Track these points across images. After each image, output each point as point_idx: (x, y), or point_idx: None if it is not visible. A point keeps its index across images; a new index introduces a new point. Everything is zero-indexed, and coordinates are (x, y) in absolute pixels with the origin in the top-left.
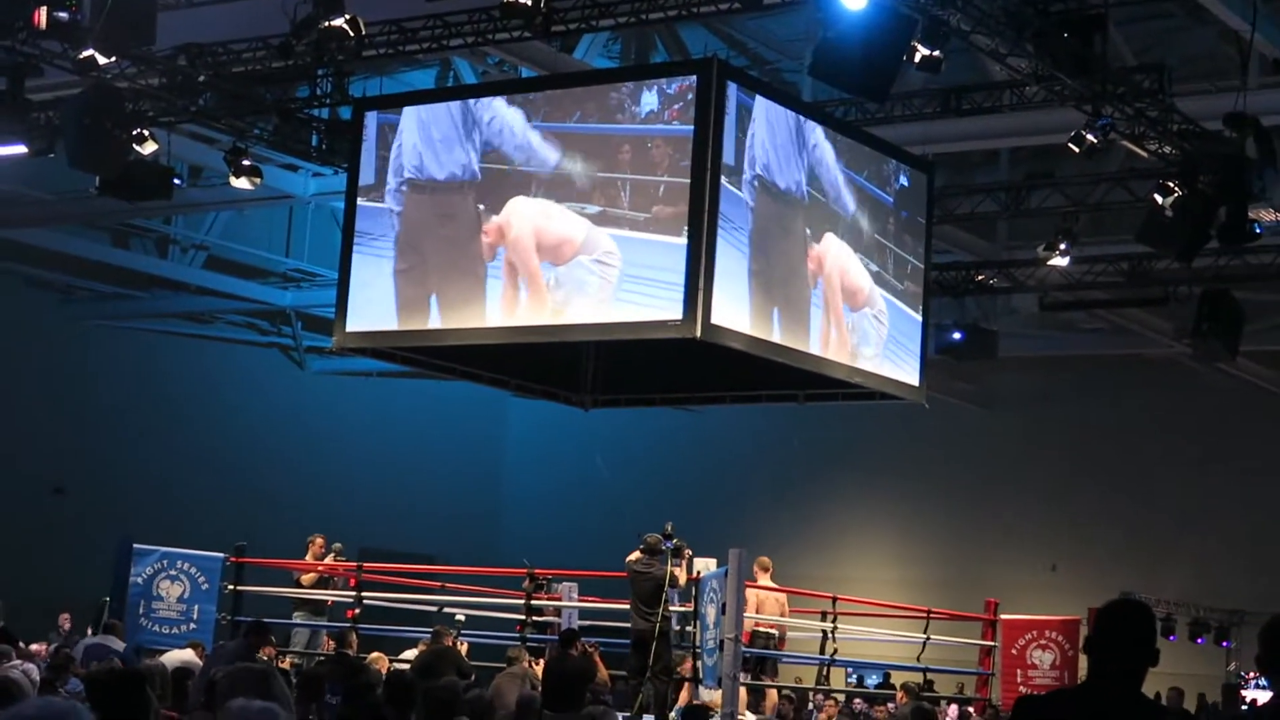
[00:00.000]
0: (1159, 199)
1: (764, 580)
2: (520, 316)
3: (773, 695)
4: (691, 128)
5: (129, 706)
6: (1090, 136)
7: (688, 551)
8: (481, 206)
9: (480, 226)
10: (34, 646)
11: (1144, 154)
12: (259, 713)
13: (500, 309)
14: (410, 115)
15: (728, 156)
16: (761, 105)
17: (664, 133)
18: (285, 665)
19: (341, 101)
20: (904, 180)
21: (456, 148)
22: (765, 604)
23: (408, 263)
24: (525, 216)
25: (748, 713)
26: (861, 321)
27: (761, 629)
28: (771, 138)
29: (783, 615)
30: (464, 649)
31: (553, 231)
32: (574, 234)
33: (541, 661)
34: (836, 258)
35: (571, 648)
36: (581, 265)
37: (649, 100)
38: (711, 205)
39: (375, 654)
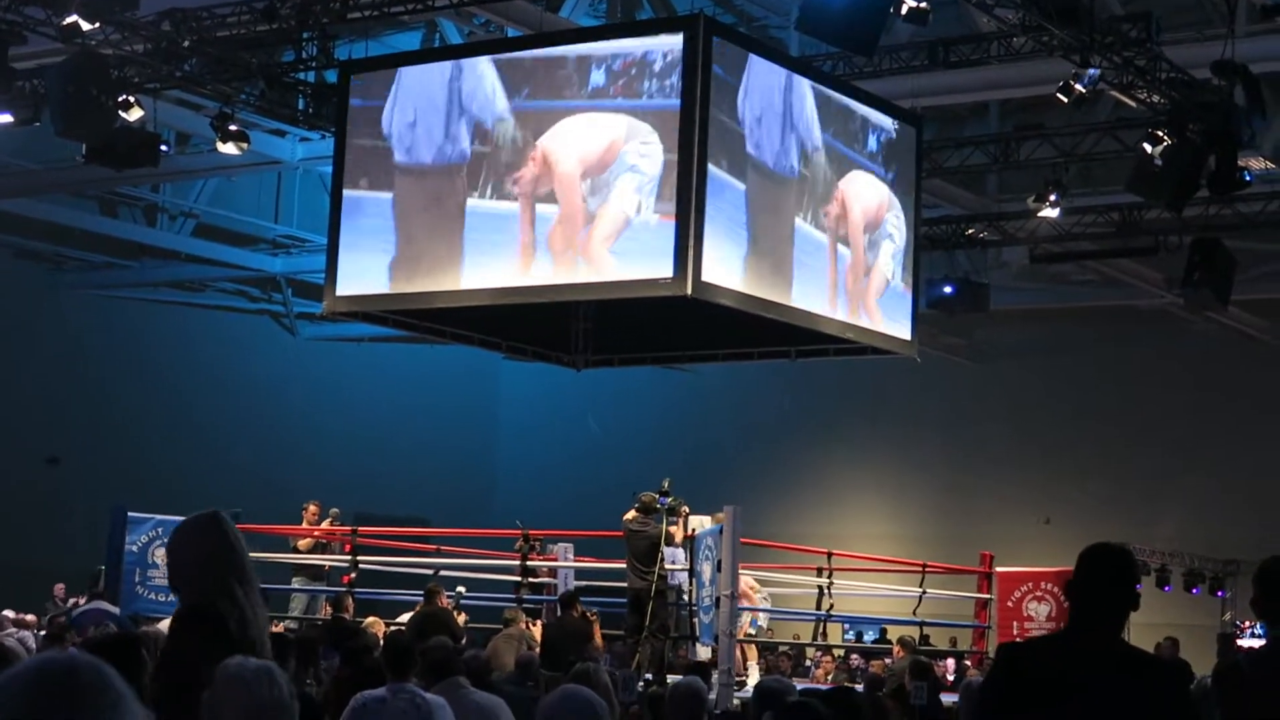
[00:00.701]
0: (1148, 148)
1: None
2: (511, 277)
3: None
4: (635, 102)
5: (123, 670)
6: (1078, 86)
7: (684, 509)
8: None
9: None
10: (28, 616)
11: (1133, 103)
12: (255, 671)
13: (493, 269)
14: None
15: (715, 112)
16: (749, 62)
17: (609, 106)
18: (278, 629)
19: (327, 65)
20: (892, 134)
21: (444, 112)
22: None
23: (399, 223)
24: (566, 139)
25: (754, 667)
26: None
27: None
28: (758, 93)
29: None
30: (462, 619)
31: (595, 140)
32: (616, 130)
33: (539, 623)
34: (857, 197)
35: (571, 609)
36: (627, 156)
37: (596, 77)
38: (700, 163)
39: (370, 618)
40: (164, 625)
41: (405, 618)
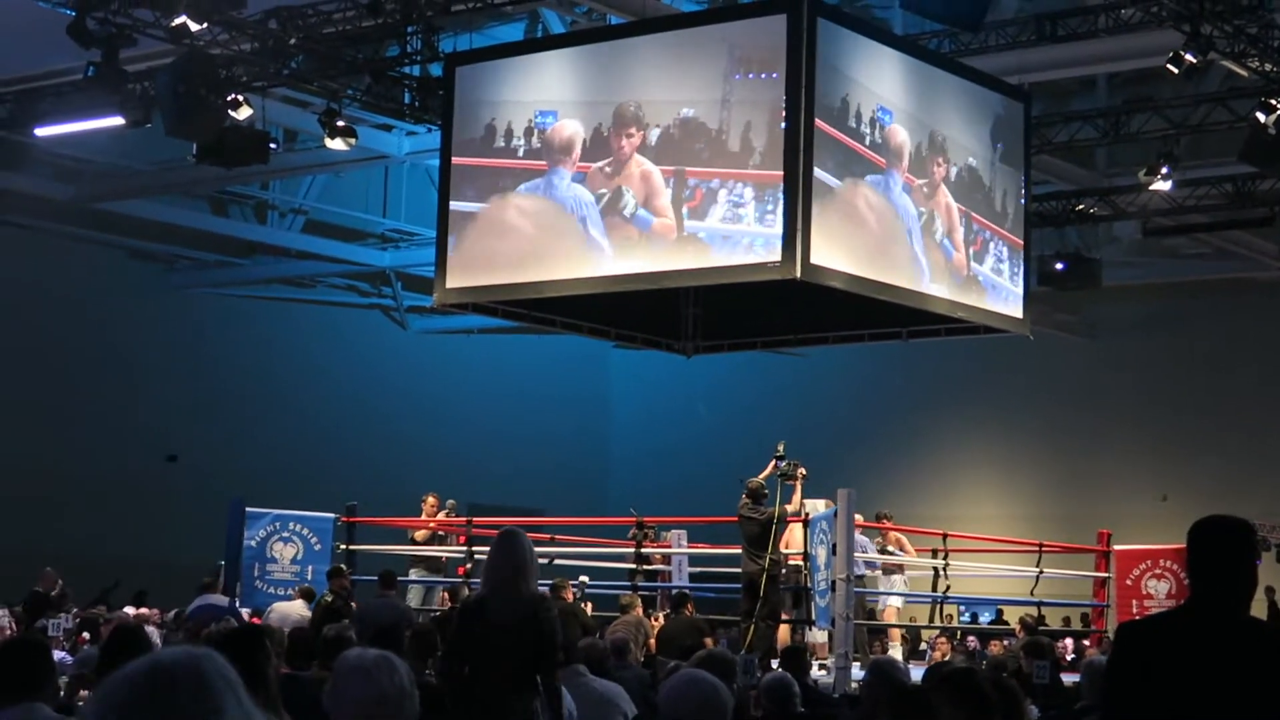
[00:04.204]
0: (1261, 117)
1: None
2: (621, 264)
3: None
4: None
5: (248, 663)
6: (1189, 56)
7: (802, 470)
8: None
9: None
10: (148, 611)
11: (1244, 72)
12: (375, 660)
13: (602, 256)
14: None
15: (821, 94)
16: (853, 41)
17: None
18: None
19: (432, 58)
20: (1000, 111)
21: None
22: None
23: (507, 214)
24: (673, 125)
25: (897, 648)
26: (971, 251)
27: (795, 563)
28: (865, 73)
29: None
30: (589, 609)
31: (703, 124)
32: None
33: (655, 618)
34: (944, 185)
35: (684, 609)
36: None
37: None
38: (807, 146)
39: None
40: (279, 613)
41: None
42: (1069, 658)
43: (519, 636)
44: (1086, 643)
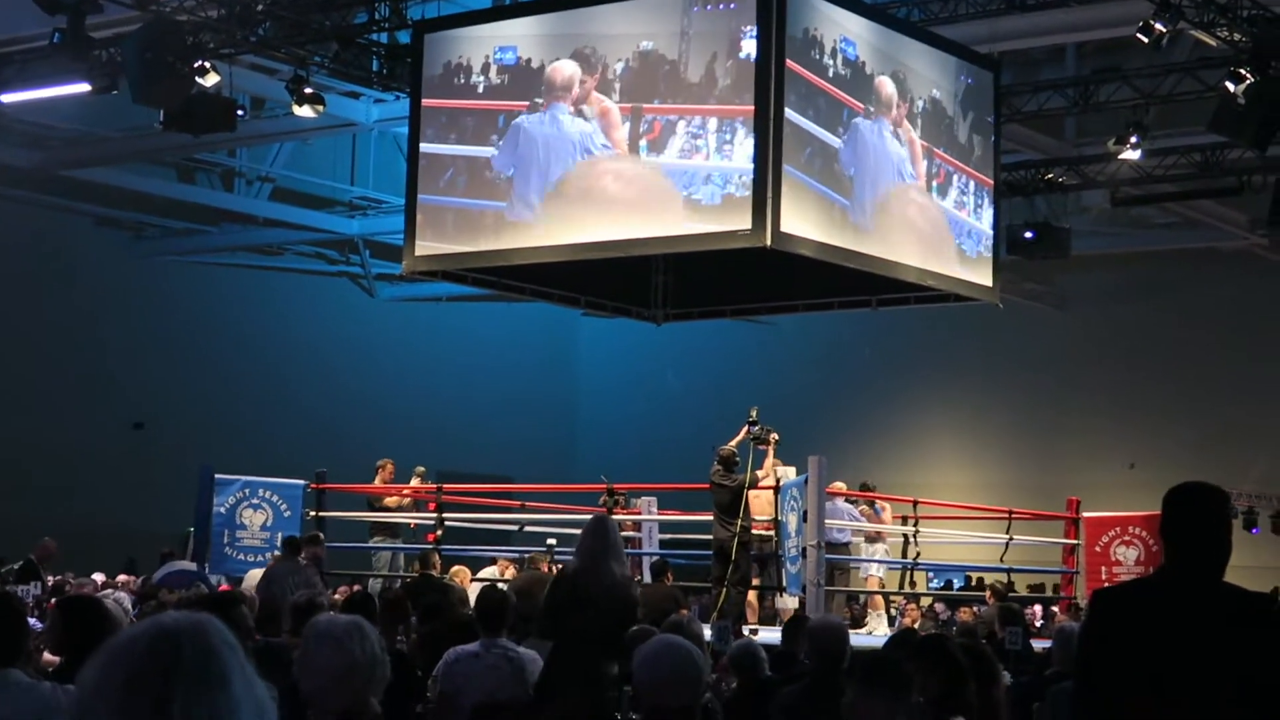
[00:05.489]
0: (1230, 87)
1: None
2: (589, 232)
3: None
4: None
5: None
6: (1159, 26)
7: (774, 435)
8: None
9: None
10: (120, 577)
11: (1213, 42)
12: (345, 627)
13: (571, 223)
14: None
15: (790, 62)
16: (822, 6)
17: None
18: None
19: (400, 25)
20: (968, 80)
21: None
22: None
23: (476, 181)
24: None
25: (879, 617)
26: (941, 217)
27: (759, 531)
28: (833, 38)
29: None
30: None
31: (673, 87)
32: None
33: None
34: (914, 152)
35: (664, 577)
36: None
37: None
38: (777, 111)
39: (457, 567)
40: (251, 580)
41: (490, 571)
42: (1037, 624)
43: (606, 609)
44: (1055, 609)
